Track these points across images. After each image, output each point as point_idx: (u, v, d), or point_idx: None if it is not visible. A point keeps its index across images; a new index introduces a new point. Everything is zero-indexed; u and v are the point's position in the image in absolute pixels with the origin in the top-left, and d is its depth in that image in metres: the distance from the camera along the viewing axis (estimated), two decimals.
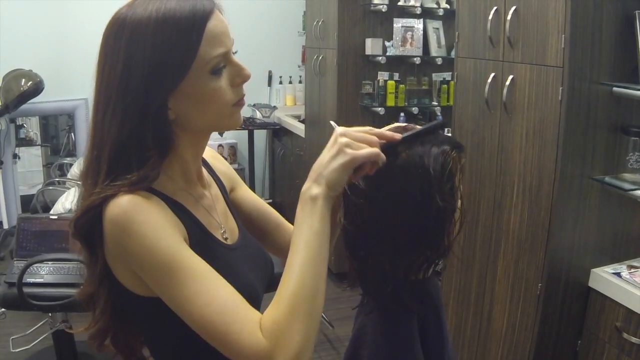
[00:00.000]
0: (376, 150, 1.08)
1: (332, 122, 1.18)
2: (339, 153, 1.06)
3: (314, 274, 1.03)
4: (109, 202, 1.05)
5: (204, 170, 1.31)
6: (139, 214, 1.04)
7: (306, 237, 1.04)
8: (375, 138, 1.10)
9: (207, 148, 1.33)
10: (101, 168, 1.09)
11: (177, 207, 1.14)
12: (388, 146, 1.13)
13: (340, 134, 1.08)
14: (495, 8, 2.63)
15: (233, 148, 6.19)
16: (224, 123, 1.18)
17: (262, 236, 1.49)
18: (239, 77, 1.15)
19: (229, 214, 1.36)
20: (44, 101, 5.34)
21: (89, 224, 1.08)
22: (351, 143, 1.07)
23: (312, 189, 1.07)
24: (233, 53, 1.15)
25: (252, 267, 1.30)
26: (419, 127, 1.22)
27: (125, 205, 1.04)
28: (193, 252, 1.07)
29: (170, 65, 1.06)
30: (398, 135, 1.15)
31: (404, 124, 1.26)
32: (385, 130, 1.15)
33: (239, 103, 1.16)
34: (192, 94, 1.10)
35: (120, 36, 1.07)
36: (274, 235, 1.50)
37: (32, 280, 2.95)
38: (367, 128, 1.12)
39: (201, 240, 1.14)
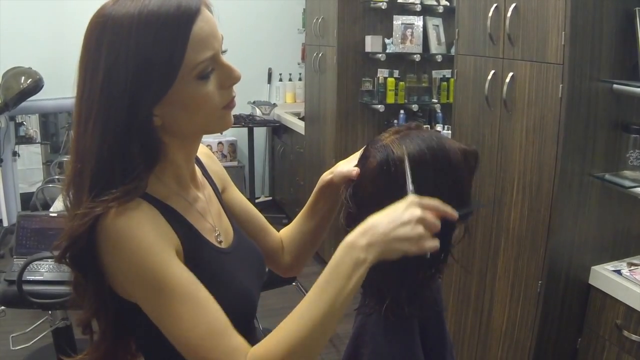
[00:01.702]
0: (437, 245, 1.04)
1: (407, 172, 1.11)
2: (407, 240, 1.01)
3: (322, 331, 0.99)
4: (99, 221, 0.99)
5: (198, 170, 1.28)
6: (128, 229, 0.99)
7: (334, 294, 0.99)
8: (439, 224, 1.05)
9: (201, 146, 1.29)
10: (84, 182, 1.03)
11: (169, 212, 1.09)
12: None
13: (418, 210, 1.03)
14: (495, 5, 2.63)
15: (233, 145, 6.18)
16: (214, 126, 1.13)
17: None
18: (229, 79, 1.09)
19: (223, 215, 1.32)
20: (43, 99, 5.32)
21: (81, 252, 1.03)
22: (423, 235, 1.02)
23: (364, 251, 1.01)
24: (222, 52, 1.09)
25: (247, 269, 1.27)
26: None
27: (114, 222, 0.99)
28: (184, 267, 1.03)
29: (155, 74, 0.99)
30: (455, 215, 1.09)
31: (414, 123, 1.25)
32: (447, 208, 1.08)
33: (229, 105, 1.11)
34: (179, 101, 1.03)
35: (101, 40, 1.01)
36: (259, 238, 1.47)
37: (32, 277, 2.95)
38: (438, 204, 1.07)
39: (194, 246, 1.10)
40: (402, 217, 1.02)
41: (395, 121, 4.56)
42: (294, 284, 3.82)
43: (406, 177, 1.12)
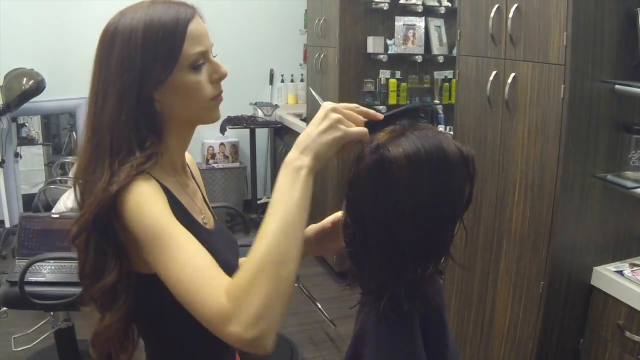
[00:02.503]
0: (365, 130, 1.17)
1: (314, 93, 1.25)
2: (330, 128, 1.13)
3: (285, 242, 1.04)
4: (125, 187, 1.13)
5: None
6: (144, 191, 1.14)
7: (285, 205, 1.07)
8: (361, 117, 1.19)
9: (187, 154, 1.44)
10: (104, 154, 1.17)
11: (166, 192, 1.21)
12: (371, 124, 1.20)
13: (331, 109, 1.15)
14: (497, 6, 2.63)
15: (235, 147, 6.18)
16: (204, 115, 1.29)
17: None
18: (216, 73, 1.27)
19: (204, 205, 1.45)
20: (45, 100, 5.33)
21: (106, 215, 1.14)
22: (343, 120, 1.15)
23: (298, 159, 1.11)
24: (213, 56, 1.27)
25: (228, 250, 1.39)
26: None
27: (134, 186, 1.13)
28: (180, 224, 1.13)
29: (158, 62, 1.19)
30: (380, 115, 1.23)
31: (410, 122, 1.25)
32: (369, 110, 1.23)
33: (217, 98, 1.28)
34: (175, 87, 1.21)
35: (114, 39, 1.19)
36: None
37: (34, 279, 2.95)
38: (354, 105, 1.20)
39: (185, 224, 1.16)
40: (319, 116, 1.15)
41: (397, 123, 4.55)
42: (296, 284, 3.82)
43: (315, 97, 1.18)
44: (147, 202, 1.13)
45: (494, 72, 2.69)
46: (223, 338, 1.01)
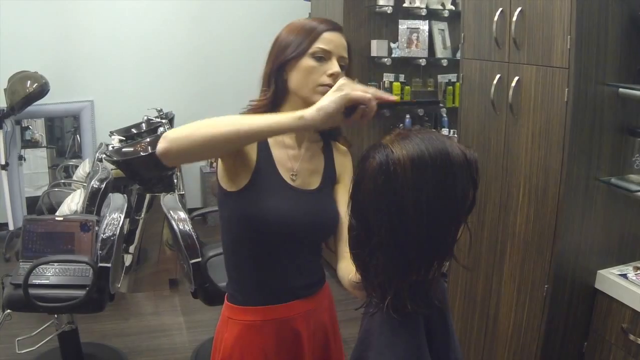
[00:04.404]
0: (369, 95, 1.37)
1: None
2: (336, 90, 1.37)
3: (225, 127, 1.38)
4: None
5: (315, 146, 1.78)
6: None
7: (259, 117, 1.40)
8: (369, 95, 1.38)
9: (343, 146, 1.86)
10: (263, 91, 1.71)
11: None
12: (380, 105, 1.38)
13: (343, 79, 1.39)
14: (500, 9, 2.63)
15: None
16: (311, 96, 1.60)
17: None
18: (331, 69, 1.62)
19: (316, 174, 1.75)
20: (49, 103, 5.35)
21: None
22: (350, 84, 1.37)
23: (303, 111, 1.37)
24: (341, 66, 1.64)
25: (301, 206, 1.67)
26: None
27: None
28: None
29: (295, 45, 1.65)
30: (393, 98, 1.48)
31: (417, 126, 1.26)
32: (382, 92, 1.42)
33: (323, 83, 1.60)
34: (298, 67, 1.63)
35: (279, 36, 1.73)
36: (335, 242, 1.76)
37: (37, 281, 2.96)
38: (370, 88, 1.41)
39: (265, 167, 1.63)
40: (332, 91, 1.39)
41: (401, 125, 4.56)
42: None
43: None
44: None
45: (497, 76, 2.69)
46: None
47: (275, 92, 1.67)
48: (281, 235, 1.66)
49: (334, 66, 1.63)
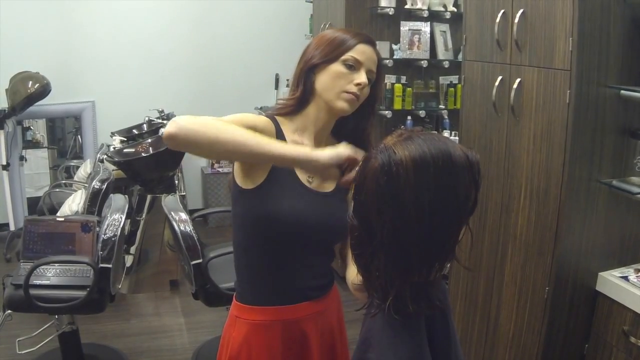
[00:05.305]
0: (348, 153, 1.49)
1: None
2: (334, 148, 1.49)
3: (232, 138, 1.43)
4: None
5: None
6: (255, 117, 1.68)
7: (270, 142, 1.48)
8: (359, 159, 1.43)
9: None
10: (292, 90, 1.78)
11: (279, 136, 1.69)
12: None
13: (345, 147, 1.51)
14: (502, 11, 2.63)
15: None
16: (334, 101, 1.67)
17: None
18: (358, 80, 1.66)
19: (330, 181, 1.73)
20: (50, 103, 5.36)
21: None
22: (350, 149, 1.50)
23: (312, 150, 1.49)
24: (369, 78, 1.67)
25: (316, 208, 1.70)
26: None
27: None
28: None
29: (327, 52, 1.68)
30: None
31: (411, 129, 1.26)
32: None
33: (349, 94, 1.66)
34: (327, 71, 1.68)
35: (312, 41, 1.78)
36: (345, 247, 1.75)
37: (38, 282, 2.96)
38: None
39: (282, 168, 1.63)
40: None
41: (403, 127, 4.56)
42: None
43: None
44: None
45: (499, 77, 2.69)
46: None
47: (304, 93, 1.72)
48: (294, 235, 1.67)
49: (361, 77, 1.67)
